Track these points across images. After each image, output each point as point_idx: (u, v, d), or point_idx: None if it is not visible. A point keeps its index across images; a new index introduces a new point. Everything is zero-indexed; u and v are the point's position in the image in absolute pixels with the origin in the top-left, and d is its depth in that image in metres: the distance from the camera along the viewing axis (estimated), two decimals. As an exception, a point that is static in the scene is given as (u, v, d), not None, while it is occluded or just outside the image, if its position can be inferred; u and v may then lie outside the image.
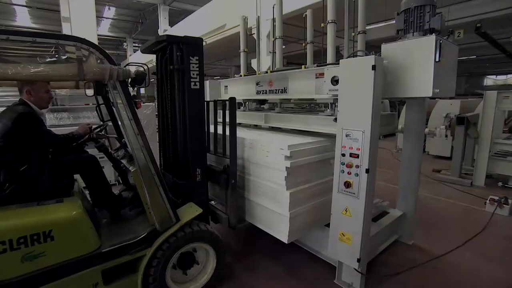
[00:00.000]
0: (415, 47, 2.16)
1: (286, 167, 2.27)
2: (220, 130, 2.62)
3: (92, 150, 2.58)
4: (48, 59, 1.84)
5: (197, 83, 2.30)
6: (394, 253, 2.99)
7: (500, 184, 5.10)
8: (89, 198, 2.40)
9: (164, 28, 14.58)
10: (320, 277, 2.60)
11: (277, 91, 3.03)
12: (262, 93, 3.23)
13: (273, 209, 2.44)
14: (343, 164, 2.22)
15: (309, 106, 3.92)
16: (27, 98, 2.01)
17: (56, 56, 1.86)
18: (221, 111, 2.60)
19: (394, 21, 2.46)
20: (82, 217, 1.83)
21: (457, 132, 5.45)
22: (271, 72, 3.14)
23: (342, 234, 2.30)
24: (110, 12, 16.14)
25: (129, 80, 1.93)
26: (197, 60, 2.28)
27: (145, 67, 2.05)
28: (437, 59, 2.06)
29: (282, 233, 2.40)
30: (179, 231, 2.14)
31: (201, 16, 10.82)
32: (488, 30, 7.40)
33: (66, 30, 8.19)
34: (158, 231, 2.06)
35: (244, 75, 3.57)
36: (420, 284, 2.52)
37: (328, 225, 2.45)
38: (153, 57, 2.65)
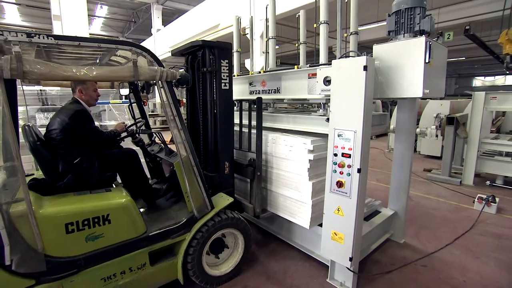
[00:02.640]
0: (405, 48, 2.18)
1: (309, 160, 2.48)
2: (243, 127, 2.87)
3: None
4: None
5: (227, 84, 2.54)
6: (385, 252, 3.03)
7: (488, 183, 5.22)
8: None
9: (157, 27, 14.48)
10: (313, 276, 2.61)
11: (270, 91, 3.04)
12: (255, 93, 3.24)
13: (296, 198, 2.67)
14: (335, 164, 2.24)
15: (302, 106, 3.94)
16: (79, 97, 2.22)
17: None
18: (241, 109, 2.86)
19: (385, 23, 2.49)
20: (132, 204, 2.04)
21: (447, 132, 5.55)
22: (264, 72, 3.14)
23: (335, 233, 2.31)
24: (102, 10, 15.93)
25: (174, 80, 2.10)
26: (227, 63, 2.52)
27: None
28: (427, 60, 2.08)
29: (304, 220, 2.63)
30: (214, 217, 2.37)
31: (195, 15, 10.78)
32: (477, 32, 7.57)
33: (56, 28, 8.06)
34: (196, 218, 2.28)
35: (237, 75, 3.57)
36: (411, 282, 2.55)
37: (321, 224, 2.47)
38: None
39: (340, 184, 2.21)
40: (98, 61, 2.36)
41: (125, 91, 2.85)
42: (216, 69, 2.45)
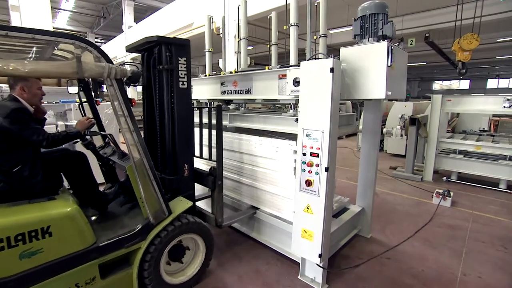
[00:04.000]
0: (369, 52, 2.28)
1: (295, 160, 2.49)
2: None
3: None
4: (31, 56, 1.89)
5: (185, 83, 2.42)
6: (354, 247, 3.16)
7: (444, 178, 5.66)
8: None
9: (129, 24, 13.89)
10: (285, 274, 2.65)
11: (241, 92, 3.03)
12: (227, 93, 3.22)
13: (282, 195, 2.82)
14: (304, 163, 2.29)
15: (274, 107, 3.99)
16: (19, 94, 1.96)
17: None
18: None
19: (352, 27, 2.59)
20: (78, 213, 1.86)
21: (410, 132, 5.94)
22: (235, 72, 3.14)
23: (305, 231, 2.37)
24: (68, 4, 14.94)
25: (125, 78, 1.96)
26: (185, 60, 2.40)
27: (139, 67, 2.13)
28: (389, 64, 2.20)
29: (289, 214, 2.72)
30: (172, 223, 2.23)
31: (168, 13, 10.50)
32: (435, 40, 8.21)
33: (15, 20, 7.40)
34: (152, 224, 2.14)
35: (209, 75, 3.53)
36: (376, 274, 2.69)
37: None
38: (116, 54, 2.57)
39: (309, 183, 2.27)
40: (33, 55, 2.01)
41: (73, 89, 2.59)
42: (173, 67, 2.33)
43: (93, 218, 2.33)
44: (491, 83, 25.44)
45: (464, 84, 26.59)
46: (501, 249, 3.18)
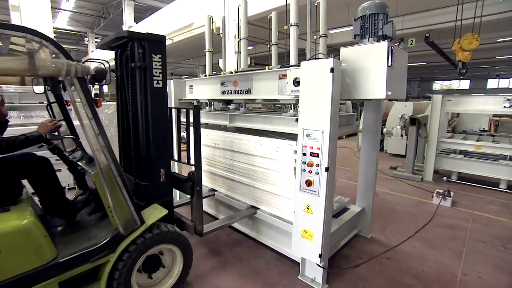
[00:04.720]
0: (370, 52, 2.28)
1: (295, 160, 2.48)
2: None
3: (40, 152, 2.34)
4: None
5: (160, 82, 2.27)
6: (354, 247, 3.16)
7: (444, 178, 5.67)
8: (39, 205, 2.20)
9: (129, 24, 13.88)
10: (285, 274, 2.65)
11: (241, 92, 3.03)
12: (227, 93, 3.22)
13: (282, 195, 2.83)
14: (304, 163, 2.29)
15: (274, 107, 3.99)
16: None
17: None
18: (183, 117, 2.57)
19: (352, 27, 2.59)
20: (35, 226, 1.68)
21: (410, 132, 5.94)
22: (235, 72, 3.14)
23: (305, 231, 2.37)
24: (68, 4, 14.92)
25: (88, 77, 1.82)
26: (160, 58, 2.24)
27: (106, 64, 1.97)
28: (389, 64, 2.20)
29: (289, 214, 2.72)
30: (144, 233, 2.08)
31: (168, 13, 10.49)
32: (436, 40, 8.21)
33: (15, 20, 7.42)
34: (122, 235, 1.99)
35: (209, 75, 3.53)
36: (376, 274, 2.69)
37: (292, 223, 2.51)
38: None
39: (309, 183, 2.27)
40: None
41: (39, 89, 2.41)
42: (146, 65, 2.16)
43: (59, 228, 2.16)
44: (491, 83, 25.41)
45: (464, 84, 26.56)
46: (501, 249, 3.18)
